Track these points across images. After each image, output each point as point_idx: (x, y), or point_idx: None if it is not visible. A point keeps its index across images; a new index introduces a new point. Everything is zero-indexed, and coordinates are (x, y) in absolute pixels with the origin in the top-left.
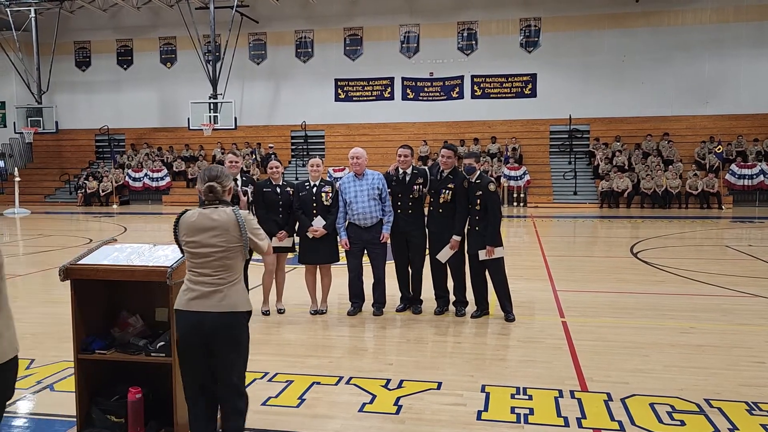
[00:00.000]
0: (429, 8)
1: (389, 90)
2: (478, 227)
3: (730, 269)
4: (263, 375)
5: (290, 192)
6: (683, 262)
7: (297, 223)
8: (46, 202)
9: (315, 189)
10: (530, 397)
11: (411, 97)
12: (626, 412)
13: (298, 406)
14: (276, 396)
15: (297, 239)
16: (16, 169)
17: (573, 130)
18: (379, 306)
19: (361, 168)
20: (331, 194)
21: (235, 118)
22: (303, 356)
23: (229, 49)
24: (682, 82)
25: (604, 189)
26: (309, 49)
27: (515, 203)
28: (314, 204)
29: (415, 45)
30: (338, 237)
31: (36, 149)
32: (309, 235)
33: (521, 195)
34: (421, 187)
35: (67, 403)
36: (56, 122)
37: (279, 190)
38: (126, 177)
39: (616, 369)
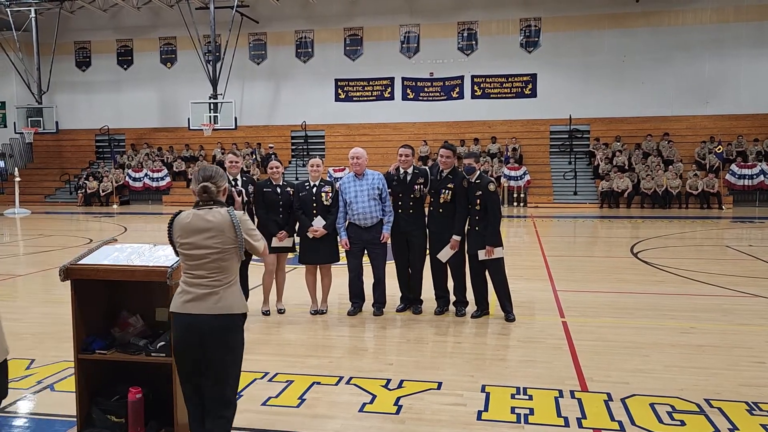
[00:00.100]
0: (429, 8)
1: (389, 90)
2: (478, 227)
3: (731, 269)
4: (263, 375)
5: (290, 192)
6: (683, 262)
7: (297, 223)
8: (47, 202)
9: (315, 189)
10: (530, 397)
11: (411, 97)
12: (626, 412)
13: (299, 406)
14: (276, 396)
15: (297, 239)
16: (17, 169)
17: (573, 130)
18: (380, 306)
19: (362, 168)
20: (331, 194)
21: (235, 118)
22: (303, 356)
23: (229, 49)
24: (683, 82)
25: (605, 189)
26: (309, 49)
27: (515, 203)
28: (314, 204)
29: (415, 45)
30: (338, 237)
31: (36, 149)
32: (309, 235)
33: (521, 195)
34: (422, 187)
35: (68, 403)
36: (56, 122)
37: (279, 190)
38: (126, 177)
39: (617, 369)
